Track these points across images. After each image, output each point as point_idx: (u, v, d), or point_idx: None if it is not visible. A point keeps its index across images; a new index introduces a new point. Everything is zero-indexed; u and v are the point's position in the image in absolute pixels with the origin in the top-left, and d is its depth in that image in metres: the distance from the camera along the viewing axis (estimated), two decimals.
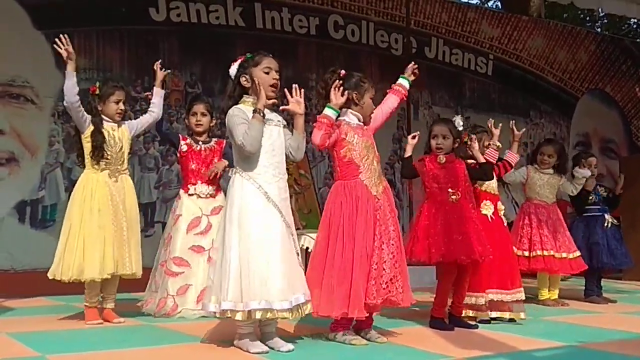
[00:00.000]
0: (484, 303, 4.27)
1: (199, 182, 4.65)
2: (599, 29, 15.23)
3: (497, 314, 4.32)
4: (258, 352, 3.20)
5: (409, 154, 4.22)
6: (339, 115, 3.64)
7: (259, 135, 3.33)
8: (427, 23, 8.77)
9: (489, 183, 4.49)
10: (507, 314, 4.33)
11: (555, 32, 9.98)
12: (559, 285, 5.47)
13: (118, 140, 4.27)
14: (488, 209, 4.45)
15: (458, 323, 4.09)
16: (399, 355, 3.30)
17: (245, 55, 3.49)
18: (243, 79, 3.44)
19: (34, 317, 4.51)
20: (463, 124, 4.26)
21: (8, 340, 3.59)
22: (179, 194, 4.72)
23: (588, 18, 16.24)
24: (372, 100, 3.74)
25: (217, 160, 4.70)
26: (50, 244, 4.31)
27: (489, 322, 4.27)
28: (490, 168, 4.35)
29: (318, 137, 3.55)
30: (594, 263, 5.57)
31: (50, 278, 4.12)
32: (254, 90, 3.42)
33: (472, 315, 4.28)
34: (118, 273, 4.14)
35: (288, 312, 3.24)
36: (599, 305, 5.37)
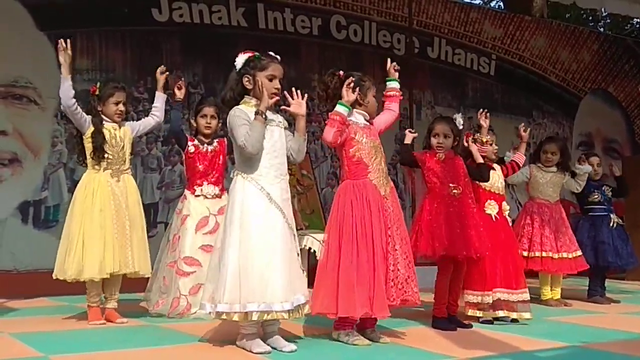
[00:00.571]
0: (490, 302, 4.26)
1: (205, 182, 4.66)
2: (602, 29, 15.18)
3: (503, 313, 4.30)
4: (261, 352, 3.21)
5: (409, 142, 4.20)
6: (351, 113, 3.64)
7: (261, 137, 3.33)
8: (429, 23, 8.75)
9: (494, 183, 4.48)
10: (512, 314, 4.31)
11: (558, 32, 9.95)
12: (562, 285, 5.46)
13: (119, 140, 4.28)
14: (492, 209, 4.43)
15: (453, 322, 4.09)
16: (402, 356, 3.30)
17: (254, 54, 3.46)
18: (245, 80, 3.43)
19: (37, 317, 4.51)
20: (463, 123, 4.25)
21: (11, 341, 3.60)
22: (184, 195, 4.71)
23: (591, 18, 16.18)
24: (374, 98, 3.75)
25: (221, 161, 4.72)
26: (53, 245, 4.31)
27: (492, 322, 4.27)
28: (487, 170, 4.34)
29: (330, 134, 3.54)
30: (600, 262, 5.56)
31: (54, 278, 4.13)
32: (256, 93, 3.42)
33: (477, 315, 4.27)
34: (121, 272, 4.14)
35: (287, 312, 3.24)
36: (602, 306, 5.37)
